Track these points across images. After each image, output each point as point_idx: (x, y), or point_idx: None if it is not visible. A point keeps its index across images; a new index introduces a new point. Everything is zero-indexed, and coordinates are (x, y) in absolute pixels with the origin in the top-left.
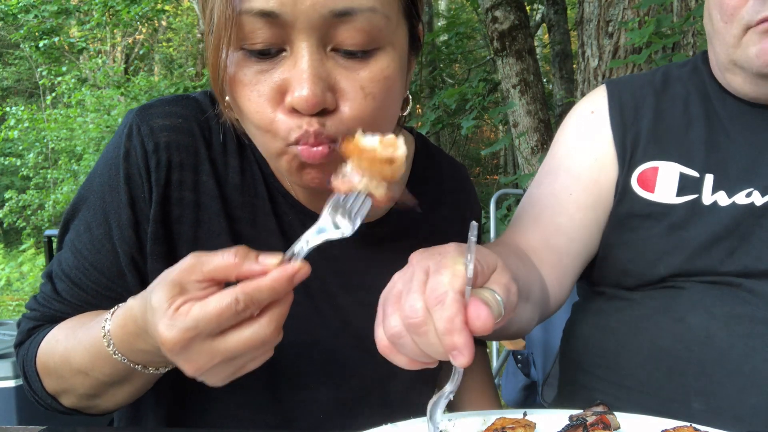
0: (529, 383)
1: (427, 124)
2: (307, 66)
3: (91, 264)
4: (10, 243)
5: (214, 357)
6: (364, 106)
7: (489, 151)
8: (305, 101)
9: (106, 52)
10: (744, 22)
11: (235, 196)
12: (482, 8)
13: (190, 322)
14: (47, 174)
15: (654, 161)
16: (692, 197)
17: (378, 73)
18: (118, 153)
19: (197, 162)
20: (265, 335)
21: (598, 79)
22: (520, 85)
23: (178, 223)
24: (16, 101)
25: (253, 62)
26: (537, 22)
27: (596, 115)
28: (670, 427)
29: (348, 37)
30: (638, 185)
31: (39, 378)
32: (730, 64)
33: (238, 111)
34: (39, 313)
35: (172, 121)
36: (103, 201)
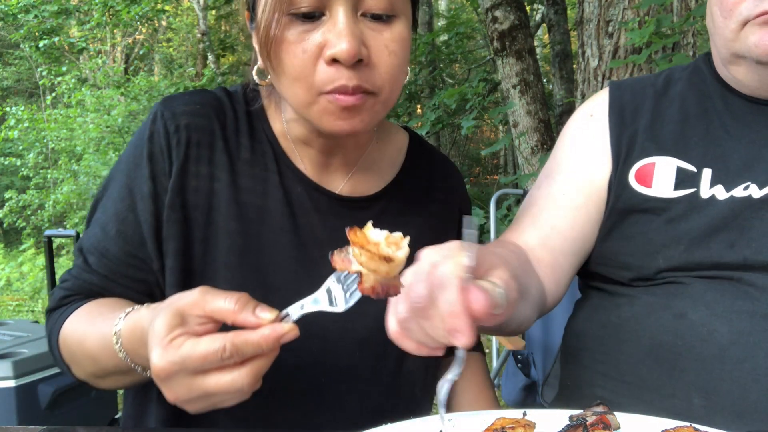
0: (529, 383)
1: (427, 124)
2: (345, 25)
3: (117, 233)
4: (10, 243)
5: (192, 391)
6: (388, 62)
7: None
8: (346, 52)
9: (106, 52)
10: (742, 17)
11: (245, 169)
12: (482, 8)
13: (177, 357)
14: (47, 174)
15: (651, 157)
16: (690, 191)
17: (397, 35)
18: (143, 135)
19: (212, 140)
20: (242, 384)
21: (598, 79)
22: (520, 85)
23: (194, 193)
24: (16, 101)
25: (298, 24)
26: (537, 22)
27: (595, 117)
28: (670, 427)
29: (375, 4)
30: (636, 181)
31: (59, 349)
32: (732, 56)
33: (279, 69)
34: (71, 284)
35: (191, 107)
36: (128, 178)
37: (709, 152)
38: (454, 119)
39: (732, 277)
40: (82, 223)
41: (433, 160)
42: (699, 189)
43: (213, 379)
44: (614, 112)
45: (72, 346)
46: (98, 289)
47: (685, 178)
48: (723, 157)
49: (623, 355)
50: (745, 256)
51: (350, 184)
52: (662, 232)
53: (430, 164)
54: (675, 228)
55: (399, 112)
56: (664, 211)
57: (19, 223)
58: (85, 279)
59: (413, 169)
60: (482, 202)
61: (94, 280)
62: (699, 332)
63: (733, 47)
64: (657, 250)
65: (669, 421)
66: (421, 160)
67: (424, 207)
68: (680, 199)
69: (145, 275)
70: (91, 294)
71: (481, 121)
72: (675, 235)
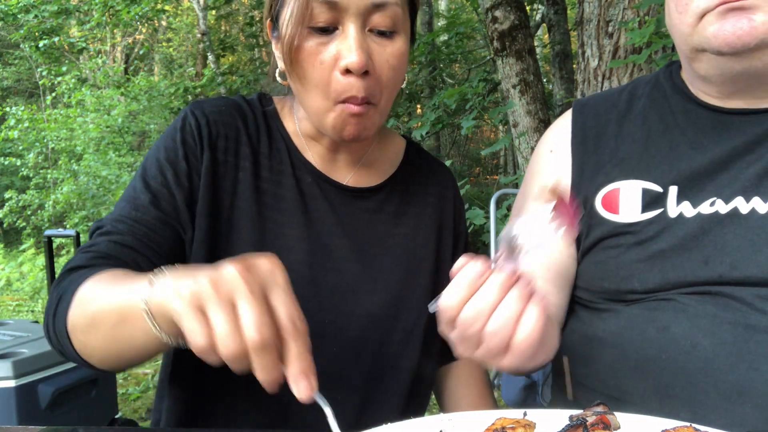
0: (529, 383)
1: (427, 124)
2: (355, 39)
3: (150, 202)
4: (10, 243)
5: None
6: (389, 75)
7: (489, 151)
8: (356, 63)
9: (106, 52)
10: (699, 10)
11: (264, 161)
12: (482, 8)
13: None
14: (47, 174)
15: (615, 182)
16: (658, 212)
17: (397, 50)
18: (176, 126)
19: (237, 135)
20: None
21: (598, 79)
22: (520, 85)
23: (222, 179)
24: (16, 101)
25: (315, 37)
26: (537, 22)
27: (556, 152)
28: (671, 427)
29: (381, 22)
30: (603, 208)
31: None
32: (692, 51)
33: (300, 75)
34: (99, 248)
35: (218, 108)
36: (159, 162)
37: (674, 169)
38: (454, 119)
39: (710, 291)
40: (82, 223)
41: (428, 162)
42: (666, 208)
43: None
44: (576, 142)
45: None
46: (129, 258)
47: (651, 199)
48: (687, 173)
49: (609, 369)
50: (720, 273)
51: (355, 177)
52: (634, 255)
53: (425, 165)
54: (646, 250)
55: (399, 112)
56: (634, 234)
57: (19, 223)
58: (112, 248)
59: (410, 167)
60: (482, 202)
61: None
62: (682, 345)
63: (691, 41)
64: (631, 274)
65: (669, 421)
66: (416, 161)
67: (421, 199)
68: (648, 221)
69: (173, 243)
70: (119, 263)
71: (481, 121)
72: (647, 258)
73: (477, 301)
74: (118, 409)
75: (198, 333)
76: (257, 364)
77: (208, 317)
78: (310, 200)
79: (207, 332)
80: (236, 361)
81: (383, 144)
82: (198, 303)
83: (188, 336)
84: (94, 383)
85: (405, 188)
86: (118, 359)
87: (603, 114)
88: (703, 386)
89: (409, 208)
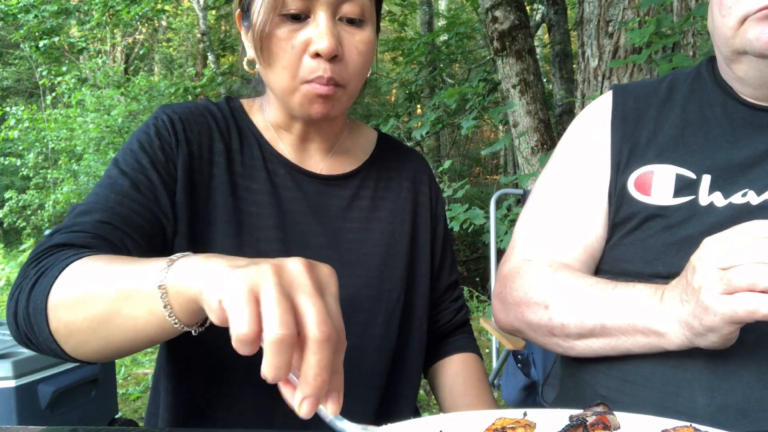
0: (529, 383)
1: (427, 124)
2: (326, 27)
3: (131, 186)
4: (10, 243)
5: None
6: (357, 60)
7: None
8: (326, 48)
9: (106, 52)
10: (742, 14)
11: (236, 157)
12: (482, 8)
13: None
14: (47, 174)
15: (649, 165)
16: (689, 198)
17: (365, 38)
18: (149, 123)
19: (210, 132)
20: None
21: (598, 79)
22: (520, 85)
23: (198, 173)
24: (16, 101)
25: (287, 23)
26: (537, 22)
27: (595, 131)
28: (671, 427)
29: (350, 11)
30: (635, 189)
31: (56, 279)
32: (733, 54)
33: (270, 60)
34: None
35: (188, 108)
36: (133, 152)
37: (708, 159)
38: (454, 119)
39: None
40: None
41: (399, 149)
42: (698, 196)
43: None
44: (617, 122)
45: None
46: (115, 239)
47: (684, 185)
48: (722, 164)
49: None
50: None
51: (328, 165)
52: (661, 239)
53: (398, 151)
54: (674, 235)
55: (399, 112)
56: (663, 218)
57: (19, 223)
58: (99, 228)
59: (383, 153)
60: (482, 202)
61: (111, 222)
62: None
63: (733, 44)
64: (656, 257)
65: (669, 421)
66: (389, 148)
67: (397, 182)
68: (679, 206)
69: (155, 230)
70: (108, 244)
71: (481, 121)
72: (674, 243)
73: None
74: (118, 409)
75: (246, 317)
76: (314, 359)
77: (261, 304)
78: (283, 191)
79: (256, 319)
80: (276, 353)
81: (355, 134)
82: (254, 287)
83: (234, 318)
84: (94, 383)
85: (380, 173)
86: (100, 345)
87: (643, 99)
88: (721, 371)
89: (386, 192)
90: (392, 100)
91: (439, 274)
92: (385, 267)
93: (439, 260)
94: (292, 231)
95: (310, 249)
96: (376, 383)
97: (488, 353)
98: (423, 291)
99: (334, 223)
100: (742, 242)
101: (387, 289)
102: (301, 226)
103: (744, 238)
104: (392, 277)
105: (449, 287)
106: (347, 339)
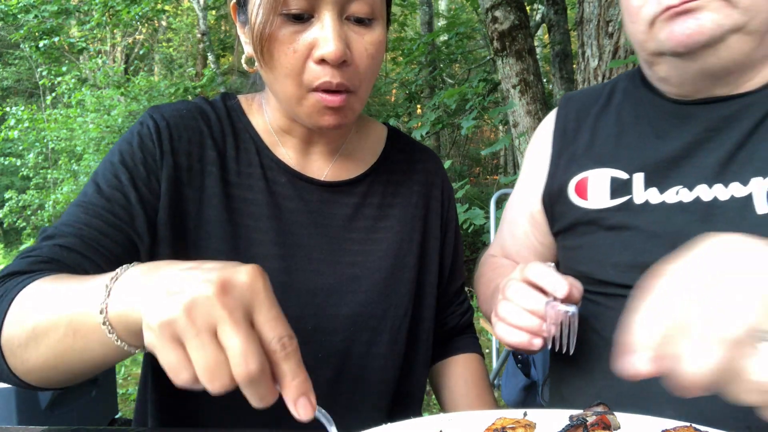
0: (529, 383)
1: (427, 124)
2: (332, 29)
3: (104, 206)
4: (10, 243)
5: None
6: (367, 63)
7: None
8: (333, 54)
9: (106, 52)
10: (649, 17)
11: (232, 165)
12: (482, 8)
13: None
14: (47, 174)
15: (586, 171)
16: (625, 198)
17: (376, 38)
18: (134, 130)
19: (201, 138)
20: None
21: (599, 79)
22: (520, 85)
23: (187, 186)
24: (16, 101)
25: (290, 24)
26: (537, 22)
27: (543, 140)
28: (671, 427)
29: (359, 9)
30: (576, 195)
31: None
32: (650, 56)
33: (271, 65)
34: (42, 252)
35: (178, 111)
36: (113, 165)
37: (640, 157)
38: (454, 119)
39: None
40: None
41: (411, 146)
42: (633, 195)
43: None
44: (558, 134)
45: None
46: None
47: (619, 186)
48: (652, 161)
49: (596, 369)
50: None
51: (333, 171)
52: (606, 242)
53: (408, 150)
54: (616, 237)
55: (399, 112)
56: (602, 220)
57: (19, 223)
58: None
59: (393, 154)
60: (482, 202)
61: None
62: None
63: (648, 47)
64: (605, 259)
65: (669, 422)
66: (399, 147)
67: (407, 187)
68: (616, 207)
69: (125, 251)
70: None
71: (481, 121)
72: (617, 245)
73: None
74: (118, 409)
75: (179, 368)
76: (251, 395)
77: (186, 351)
78: (283, 201)
79: (189, 367)
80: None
81: (362, 133)
82: (173, 334)
83: (169, 372)
84: (94, 383)
85: (389, 178)
86: (66, 375)
87: (585, 108)
88: None
89: (394, 198)
90: (392, 100)
91: (448, 279)
92: (391, 281)
93: (449, 267)
94: (292, 245)
95: (312, 264)
96: (381, 404)
97: (488, 353)
98: (430, 302)
99: (337, 234)
100: (514, 285)
101: (393, 305)
102: (301, 239)
103: (518, 277)
104: (398, 292)
105: (457, 291)
106: (351, 358)
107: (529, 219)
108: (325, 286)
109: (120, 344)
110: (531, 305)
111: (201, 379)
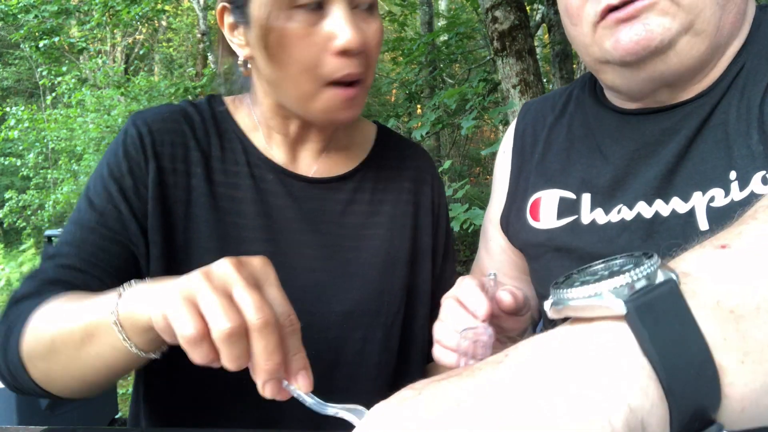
0: None
1: (427, 124)
2: (348, 18)
3: (97, 222)
4: (10, 243)
5: None
6: (374, 52)
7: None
8: (355, 42)
9: (106, 52)
10: (590, 20)
11: (217, 165)
12: (482, 8)
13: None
14: (47, 174)
15: (539, 191)
16: (571, 219)
17: (379, 26)
18: (118, 140)
19: (185, 140)
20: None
21: None
22: (520, 85)
23: (173, 188)
24: (16, 101)
25: (302, 16)
26: (537, 22)
27: (506, 153)
28: None
29: None
30: (530, 217)
31: (23, 335)
32: (596, 63)
33: (282, 62)
34: (47, 275)
35: (161, 116)
36: (102, 178)
37: (587, 176)
38: (454, 119)
39: None
40: None
41: (401, 144)
42: (580, 215)
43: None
44: (516, 149)
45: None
46: (78, 281)
47: (566, 206)
48: (596, 181)
49: None
50: None
51: (321, 167)
52: (557, 262)
53: (398, 147)
54: (566, 257)
55: (399, 112)
56: (552, 241)
57: (19, 223)
58: (60, 272)
59: (383, 151)
60: (482, 202)
61: (73, 266)
62: None
63: (593, 53)
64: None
65: None
66: (389, 144)
67: (397, 183)
68: (564, 227)
69: (124, 261)
70: (69, 286)
71: (481, 121)
72: (567, 265)
73: None
74: (118, 409)
75: (188, 320)
76: (259, 345)
77: (199, 307)
78: (271, 199)
79: (198, 319)
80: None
81: (352, 129)
82: (189, 295)
83: (177, 325)
84: None
85: (378, 174)
86: (82, 383)
87: (540, 119)
88: None
89: (385, 195)
90: (392, 100)
91: (441, 275)
92: (384, 277)
93: (440, 264)
94: (283, 242)
95: (303, 260)
96: (376, 401)
97: None
98: (425, 299)
99: (328, 230)
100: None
101: (386, 301)
102: (292, 235)
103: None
104: (392, 288)
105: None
106: (345, 355)
107: (501, 234)
108: (318, 283)
109: (128, 344)
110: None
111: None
